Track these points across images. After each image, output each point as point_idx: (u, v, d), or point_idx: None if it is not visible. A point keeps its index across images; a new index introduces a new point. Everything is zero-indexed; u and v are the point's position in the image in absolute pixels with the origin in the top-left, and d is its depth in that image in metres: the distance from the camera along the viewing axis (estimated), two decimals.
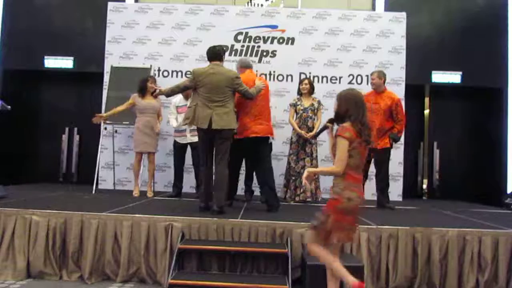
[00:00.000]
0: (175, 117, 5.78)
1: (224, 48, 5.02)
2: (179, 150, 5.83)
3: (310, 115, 5.65)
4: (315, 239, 2.90)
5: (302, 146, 5.64)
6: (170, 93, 4.74)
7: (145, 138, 5.55)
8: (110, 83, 6.41)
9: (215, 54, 4.54)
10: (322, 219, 2.82)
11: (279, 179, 5.81)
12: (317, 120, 5.69)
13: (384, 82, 5.50)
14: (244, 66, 5.00)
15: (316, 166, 5.68)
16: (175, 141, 5.86)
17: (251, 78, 4.81)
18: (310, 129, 5.61)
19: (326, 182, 6.32)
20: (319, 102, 5.75)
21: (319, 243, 2.86)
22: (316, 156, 5.72)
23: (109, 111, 5.78)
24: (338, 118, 2.94)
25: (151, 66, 6.50)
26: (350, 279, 2.79)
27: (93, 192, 5.82)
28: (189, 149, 5.81)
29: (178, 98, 5.77)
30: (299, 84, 5.82)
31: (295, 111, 5.72)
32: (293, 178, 5.63)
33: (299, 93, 5.78)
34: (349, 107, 2.87)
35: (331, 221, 2.79)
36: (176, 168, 5.88)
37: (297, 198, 5.59)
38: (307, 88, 5.70)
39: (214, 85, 4.36)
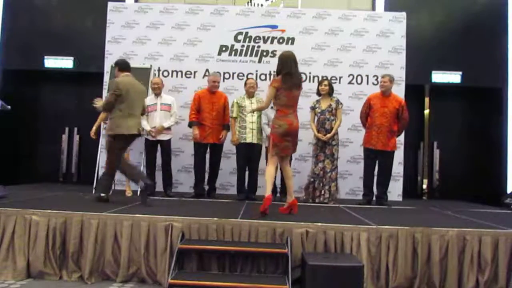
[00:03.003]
0: (146, 117, 5.77)
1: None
2: (149, 147, 5.90)
3: (328, 116, 5.62)
4: (270, 158, 4.32)
5: (321, 148, 5.64)
6: (102, 109, 4.93)
7: None
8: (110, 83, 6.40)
9: (128, 65, 4.99)
10: (268, 140, 4.38)
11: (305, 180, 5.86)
12: (336, 120, 5.65)
13: (392, 86, 5.69)
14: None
15: (337, 167, 5.70)
16: (146, 138, 5.90)
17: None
18: (328, 131, 5.60)
19: (351, 184, 6.35)
20: (337, 102, 5.69)
21: (273, 161, 4.30)
22: (338, 157, 5.72)
23: (95, 123, 5.83)
24: (278, 72, 4.26)
25: (151, 66, 6.50)
26: (267, 192, 4.15)
27: (93, 192, 5.83)
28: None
29: (148, 98, 5.84)
30: (318, 84, 5.78)
31: (315, 113, 5.73)
32: (312, 179, 5.65)
33: (318, 94, 5.77)
34: (282, 64, 4.22)
35: (270, 140, 4.31)
36: (148, 165, 5.92)
37: (316, 200, 5.58)
38: (326, 89, 5.67)
39: (137, 95, 4.86)
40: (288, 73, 4.18)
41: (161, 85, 5.92)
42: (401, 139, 6.57)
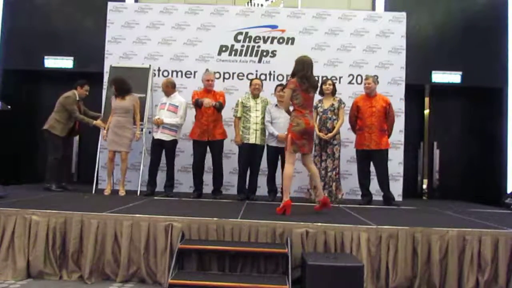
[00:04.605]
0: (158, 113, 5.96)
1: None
2: (153, 146, 5.90)
3: (330, 116, 5.64)
4: (289, 157, 4.50)
5: (323, 147, 5.65)
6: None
7: (114, 137, 5.66)
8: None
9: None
10: (286, 140, 4.55)
11: (307, 180, 5.84)
12: (338, 119, 5.66)
13: (376, 87, 5.74)
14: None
15: (339, 166, 5.73)
16: (152, 137, 5.96)
17: None
18: (330, 130, 5.62)
19: (350, 184, 6.36)
20: (340, 101, 5.72)
21: (292, 159, 4.50)
22: (339, 156, 5.72)
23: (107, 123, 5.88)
24: (294, 74, 4.51)
25: (150, 66, 6.49)
26: (284, 196, 4.42)
27: (93, 192, 5.83)
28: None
29: (163, 97, 5.98)
30: (322, 84, 5.77)
31: (317, 113, 5.72)
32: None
33: (321, 93, 5.76)
34: (299, 67, 4.46)
35: (288, 138, 4.48)
36: (150, 164, 5.89)
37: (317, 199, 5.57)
38: (330, 89, 5.71)
39: None
40: (304, 75, 4.43)
41: (164, 87, 5.91)
42: (401, 139, 6.58)
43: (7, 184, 5.39)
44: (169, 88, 5.90)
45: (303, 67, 4.46)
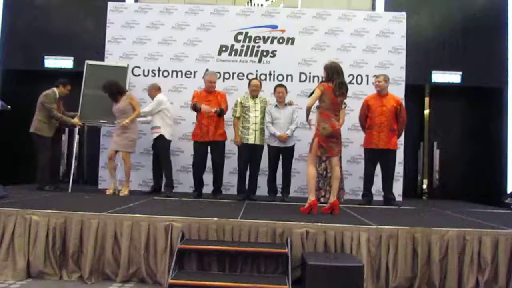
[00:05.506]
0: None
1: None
2: (153, 145, 6.20)
3: None
4: (312, 159, 4.65)
5: None
6: None
7: (115, 138, 5.79)
8: (86, 80, 6.30)
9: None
10: (311, 143, 4.65)
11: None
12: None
13: (387, 86, 5.69)
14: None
15: (340, 167, 5.69)
16: None
17: None
18: None
19: (351, 184, 6.35)
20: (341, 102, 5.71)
21: (315, 161, 4.73)
22: (340, 157, 5.70)
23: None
24: (327, 80, 4.59)
25: (128, 65, 6.48)
26: (310, 196, 4.54)
27: (69, 190, 5.90)
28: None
29: None
30: None
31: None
32: (317, 179, 5.62)
33: None
34: (333, 73, 4.56)
35: (315, 142, 4.60)
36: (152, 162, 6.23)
37: (322, 199, 5.54)
38: None
39: None
40: (342, 82, 4.55)
41: (148, 91, 6.17)
42: (401, 139, 6.55)
43: (7, 184, 5.38)
44: (152, 92, 6.09)
45: (338, 73, 4.54)
